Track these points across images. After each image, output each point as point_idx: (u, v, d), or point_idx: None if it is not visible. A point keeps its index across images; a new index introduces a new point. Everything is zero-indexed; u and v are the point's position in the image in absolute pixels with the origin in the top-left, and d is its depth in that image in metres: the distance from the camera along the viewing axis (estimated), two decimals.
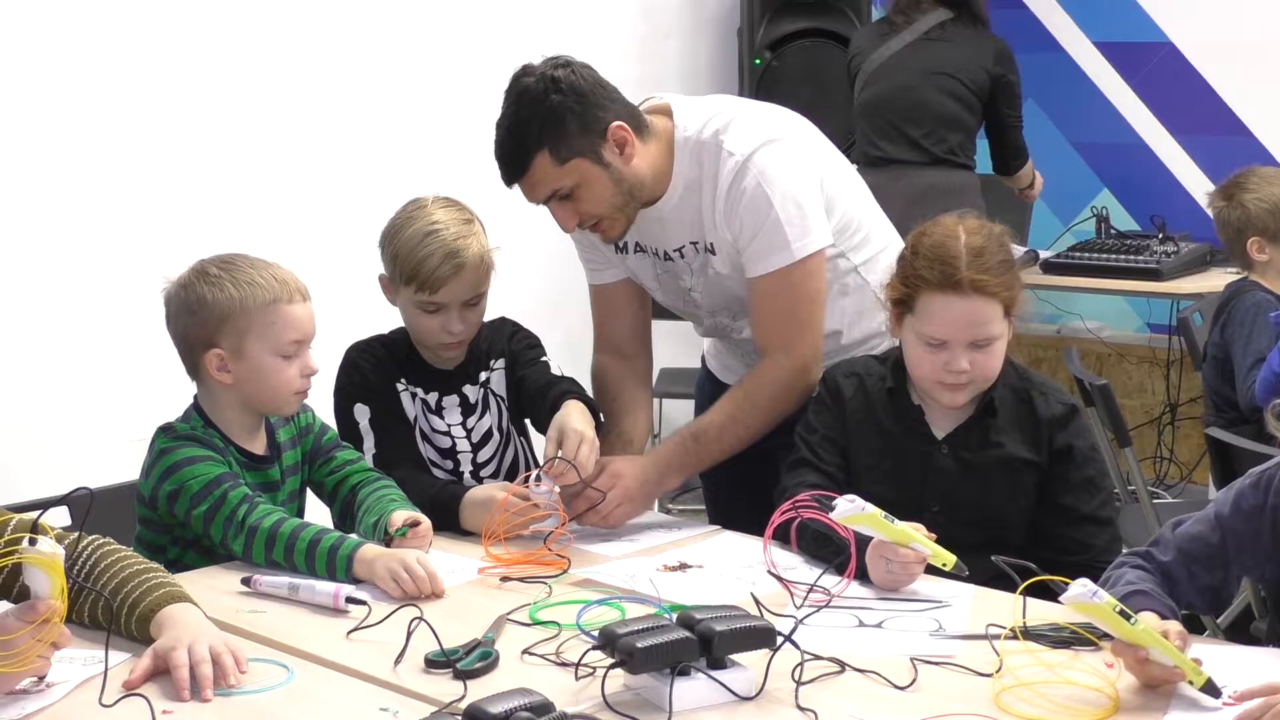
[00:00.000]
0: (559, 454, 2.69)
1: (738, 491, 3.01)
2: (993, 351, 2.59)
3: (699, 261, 2.93)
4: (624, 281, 3.08)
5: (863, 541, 2.42)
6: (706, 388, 3.27)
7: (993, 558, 2.19)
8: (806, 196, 2.82)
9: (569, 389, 2.88)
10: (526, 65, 2.77)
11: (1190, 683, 1.98)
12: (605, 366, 3.10)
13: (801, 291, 2.84)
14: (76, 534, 2.29)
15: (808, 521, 2.49)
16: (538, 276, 4.81)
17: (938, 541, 2.43)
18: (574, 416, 2.75)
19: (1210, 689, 1.97)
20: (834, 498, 2.40)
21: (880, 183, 4.84)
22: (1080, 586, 1.97)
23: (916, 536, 2.40)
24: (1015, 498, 2.64)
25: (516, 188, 2.79)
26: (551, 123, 2.70)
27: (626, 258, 3.02)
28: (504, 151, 2.75)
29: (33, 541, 1.93)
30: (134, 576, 2.22)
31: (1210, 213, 4.21)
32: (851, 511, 2.38)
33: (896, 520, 2.39)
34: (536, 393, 2.91)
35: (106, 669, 2.02)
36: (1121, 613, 1.96)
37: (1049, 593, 2.29)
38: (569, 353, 3.03)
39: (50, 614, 1.93)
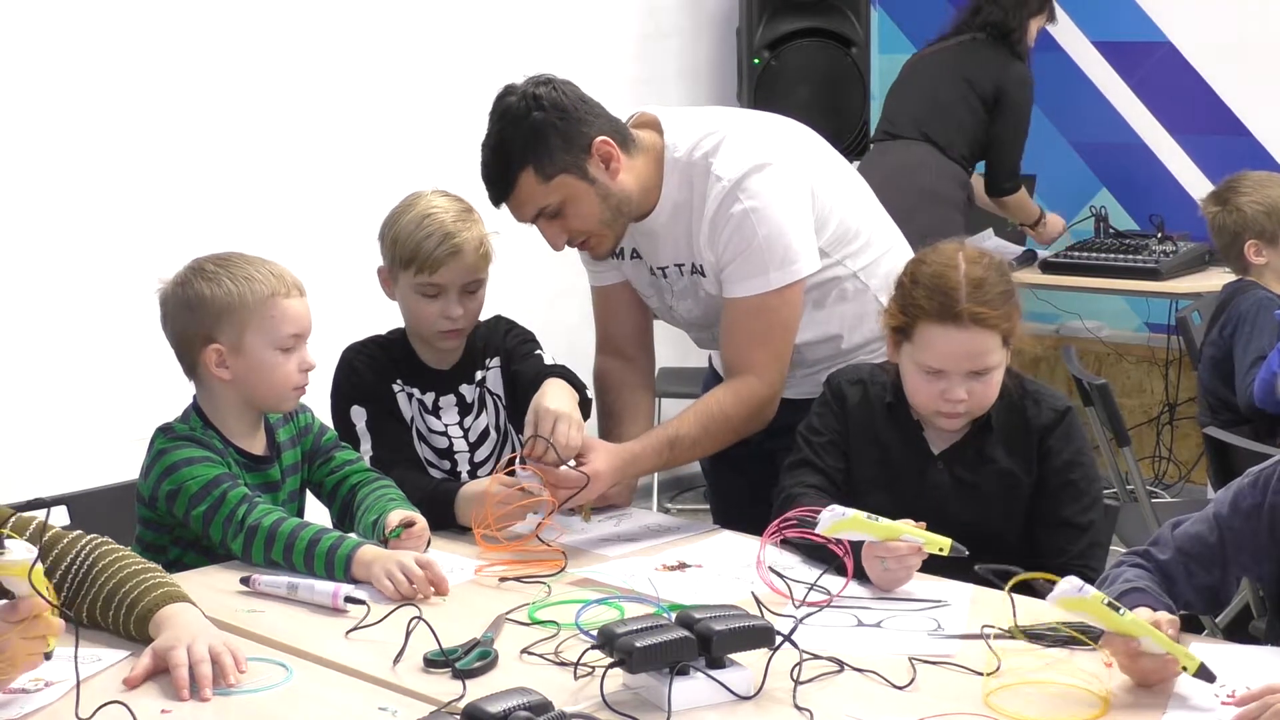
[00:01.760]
0: (535, 434, 2.68)
1: (741, 493, 3.01)
2: (990, 380, 2.59)
3: (682, 284, 2.94)
4: (625, 283, 3.08)
5: (858, 548, 2.42)
6: (712, 385, 3.28)
7: (976, 567, 2.21)
8: (793, 224, 2.81)
9: (554, 372, 2.88)
10: (508, 85, 2.78)
11: (1184, 668, 1.98)
12: (607, 369, 3.10)
13: (777, 319, 2.84)
14: (76, 533, 2.29)
15: (797, 541, 2.49)
16: (537, 276, 4.81)
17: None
18: (548, 395, 2.74)
19: (1204, 674, 1.98)
20: (818, 515, 2.41)
21: (874, 156, 4.99)
22: (1067, 583, 1.98)
23: (905, 529, 2.40)
24: (1009, 514, 2.64)
25: (505, 208, 2.80)
26: (535, 140, 2.71)
27: (622, 263, 3.03)
28: (490, 171, 2.76)
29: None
30: (132, 576, 2.22)
31: (1207, 218, 4.19)
32: (834, 520, 2.39)
33: (881, 518, 2.40)
34: (529, 384, 2.90)
35: (79, 681, 1.97)
36: (1110, 605, 1.96)
37: (1044, 589, 2.30)
38: (569, 353, 3.03)
39: (31, 613, 1.91)
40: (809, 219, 2.85)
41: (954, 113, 5.04)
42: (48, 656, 1.97)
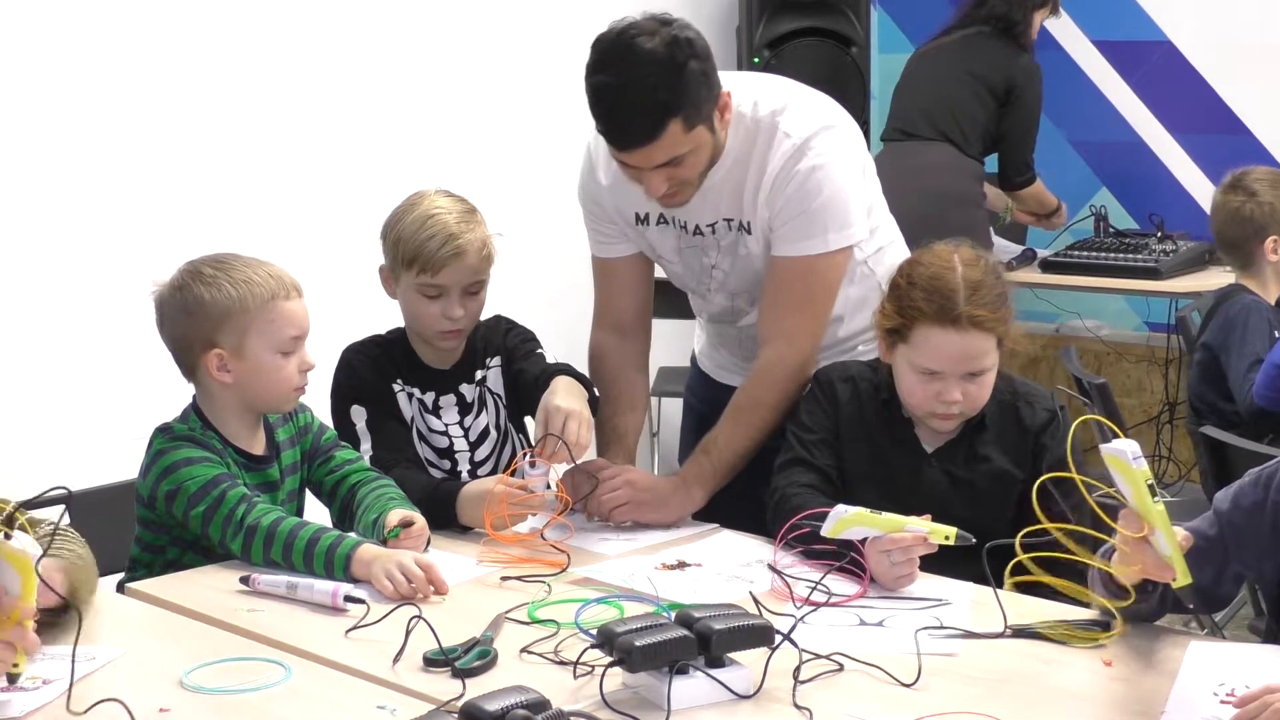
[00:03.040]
0: (547, 432, 2.67)
1: (738, 491, 3.01)
2: (984, 382, 2.61)
3: (730, 239, 2.91)
4: (631, 257, 3.05)
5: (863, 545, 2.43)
6: (697, 389, 3.26)
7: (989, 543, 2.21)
8: (853, 189, 2.82)
9: (560, 370, 2.88)
10: (635, 23, 2.67)
11: (1174, 581, 1.99)
12: (605, 347, 3.07)
13: (821, 282, 2.83)
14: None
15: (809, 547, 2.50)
16: (538, 276, 4.81)
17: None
18: (559, 394, 2.73)
19: (1188, 595, 2.00)
20: (824, 517, 2.42)
21: (886, 157, 4.97)
22: (1126, 444, 1.98)
23: (910, 519, 2.40)
24: (1002, 512, 2.64)
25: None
26: (689, 88, 2.63)
27: (647, 229, 2.98)
28: (630, 115, 2.64)
29: (8, 536, 1.91)
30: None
31: (1222, 207, 4.11)
32: (838, 519, 2.40)
33: (884, 513, 2.40)
34: (532, 383, 2.90)
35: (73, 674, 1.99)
36: (1150, 487, 1.97)
37: (1045, 591, 2.30)
38: (569, 353, 3.03)
39: (14, 613, 1.90)
40: (862, 187, 2.86)
41: (967, 109, 5.00)
42: (12, 681, 1.94)
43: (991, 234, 5.16)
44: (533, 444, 2.77)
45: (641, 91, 2.61)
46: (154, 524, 2.64)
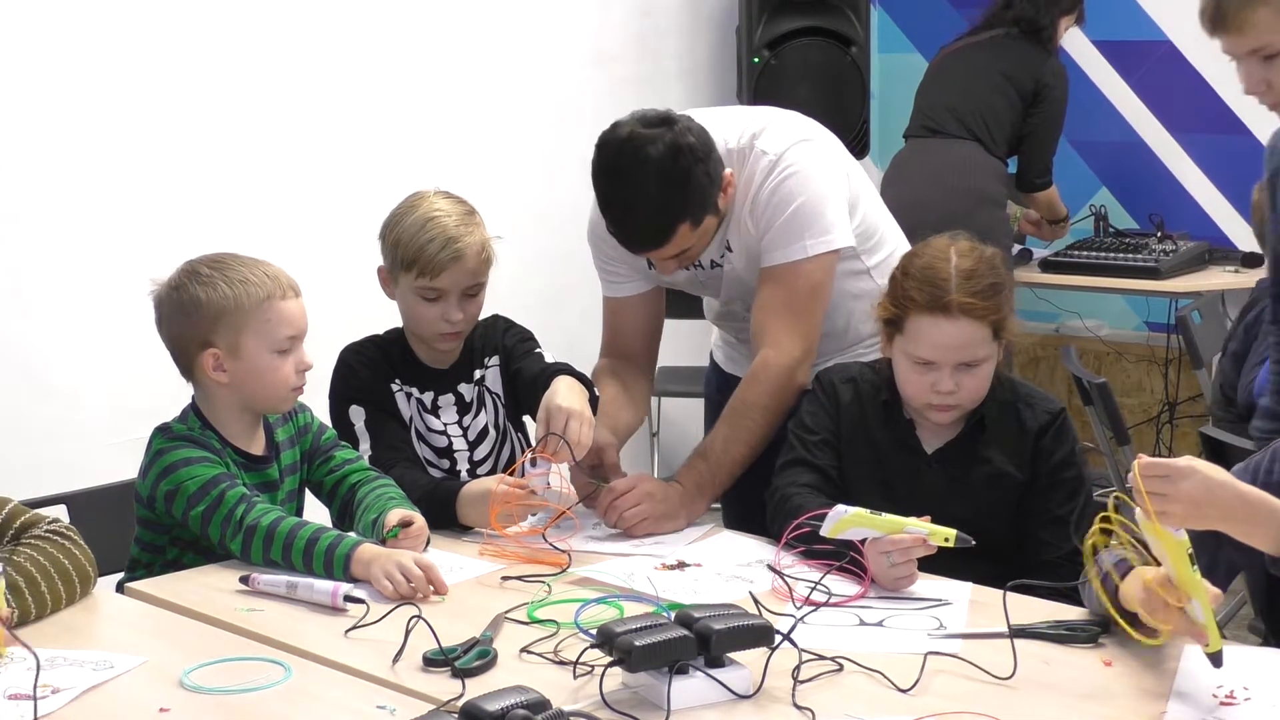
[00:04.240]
0: (549, 433, 2.68)
1: (739, 489, 3.01)
2: (980, 373, 2.61)
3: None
4: (644, 295, 3.09)
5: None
6: (714, 380, 3.30)
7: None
8: (830, 194, 2.86)
9: (560, 369, 2.88)
10: (634, 131, 2.71)
11: (1206, 647, 1.97)
12: (612, 371, 3.08)
13: (804, 285, 2.85)
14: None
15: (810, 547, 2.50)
16: (537, 276, 4.81)
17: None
18: (560, 393, 2.74)
19: (1217, 660, 1.98)
20: (824, 517, 2.42)
21: (912, 153, 4.94)
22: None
23: (909, 521, 2.40)
24: (1002, 513, 2.65)
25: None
26: (696, 194, 2.72)
27: (660, 274, 3.03)
28: (640, 226, 2.74)
29: None
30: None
31: (1262, 203, 4.09)
32: (837, 519, 2.40)
33: (884, 514, 2.40)
34: (531, 382, 2.91)
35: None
36: (1190, 555, 1.96)
37: (1044, 590, 2.30)
38: (569, 353, 3.03)
39: None
40: (844, 195, 2.90)
41: (996, 109, 4.99)
42: None
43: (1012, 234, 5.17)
44: (533, 443, 2.77)
45: (647, 205, 2.72)
46: (154, 524, 2.64)
